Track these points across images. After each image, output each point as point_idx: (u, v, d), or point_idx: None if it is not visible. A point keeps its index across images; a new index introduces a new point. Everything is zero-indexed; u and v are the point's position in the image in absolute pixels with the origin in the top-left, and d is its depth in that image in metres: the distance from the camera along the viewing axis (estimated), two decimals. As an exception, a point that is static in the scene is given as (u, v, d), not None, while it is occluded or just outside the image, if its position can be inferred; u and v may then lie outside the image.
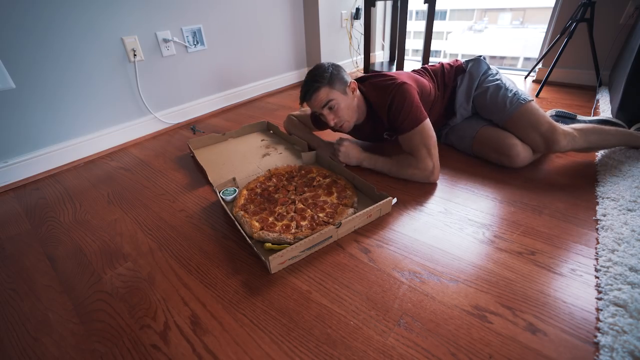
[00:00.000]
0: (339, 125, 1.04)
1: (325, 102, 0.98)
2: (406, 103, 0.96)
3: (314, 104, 1.00)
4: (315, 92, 0.97)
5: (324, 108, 0.99)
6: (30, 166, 1.26)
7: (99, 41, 1.33)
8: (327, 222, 0.85)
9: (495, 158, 1.07)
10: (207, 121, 1.74)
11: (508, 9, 11.67)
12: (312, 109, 1.04)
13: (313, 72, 1.00)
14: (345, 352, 0.57)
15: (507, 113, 1.03)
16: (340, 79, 0.99)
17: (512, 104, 1.02)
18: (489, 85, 1.08)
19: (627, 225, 0.77)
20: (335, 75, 0.99)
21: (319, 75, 0.98)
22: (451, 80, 1.14)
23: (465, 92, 1.12)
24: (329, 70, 0.99)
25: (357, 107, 1.05)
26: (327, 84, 0.97)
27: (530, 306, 0.62)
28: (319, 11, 2.10)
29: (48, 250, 0.88)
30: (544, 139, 0.98)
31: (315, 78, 0.98)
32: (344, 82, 1.00)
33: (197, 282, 0.74)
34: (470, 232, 0.82)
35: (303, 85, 1.01)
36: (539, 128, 0.99)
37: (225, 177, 1.11)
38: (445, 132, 1.23)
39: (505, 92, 1.05)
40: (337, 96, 0.98)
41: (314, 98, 0.98)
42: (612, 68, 1.69)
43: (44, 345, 0.63)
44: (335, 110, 1.00)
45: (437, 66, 1.18)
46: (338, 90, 0.99)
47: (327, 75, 0.97)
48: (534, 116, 1.00)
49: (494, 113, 1.07)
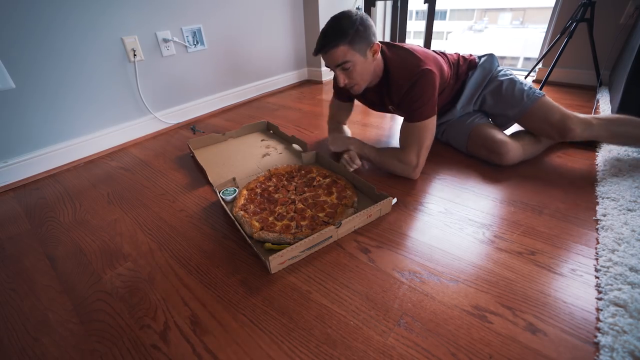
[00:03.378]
0: (349, 87, 0.99)
1: (341, 61, 0.90)
2: (425, 95, 0.92)
3: (328, 60, 0.92)
4: (333, 49, 0.88)
5: (337, 67, 0.92)
6: (30, 166, 1.26)
7: (99, 41, 1.33)
8: (327, 222, 0.85)
9: (486, 156, 1.07)
10: (207, 121, 1.74)
11: (508, 9, 11.67)
12: (325, 62, 0.96)
13: (337, 23, 0.88)
14: (345, 352, 0.57)
15: (524, 106, 1.03)
16: (364, 38, 0.89)
17: (529, 97, 1.03)
18: (502, 79, 1.08)
19: (628, 225, 0.77)
20: (361, 32, 0.88)
21: (342, 30, 0.87)
22: (463, 74, 1.12)
23: (477, 84, 1.11)
24: (354, 25, 0.87)
25: (374, 70, 0.98)
26: (349, 42, 0.87)
27: (530, 306, 0.62)
28: (319, 11, 2.10)
29: (48, 250, 0.88)
30: (557, 128, 1.00)
31: (336, 32, 0.87)
32: (367, 43, 0.90)
33: (197, 282, 0.74)
34: (470, 232, 0.82)
35: (322, 35, 0.90)
36: (552, 118, 1.00)
37: (225, 177, 1.11)
38: (443, 129, 1.23)
39: (521, 85, 1.05)
40: (355, 58, 0.90)
41: (330, 54, 0.90)
42: (612, 68, 1.69)
43: (44, 345, 0.63)
44: (349, 72, 0.93)
45: (455, 57, 1.14)
46: (358, 51, 0.89)
47: (351, 32, 0.87)
48: (549, 108, 1.01)
49: (510, 107, 1.06)
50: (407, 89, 0.94)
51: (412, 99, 0.94)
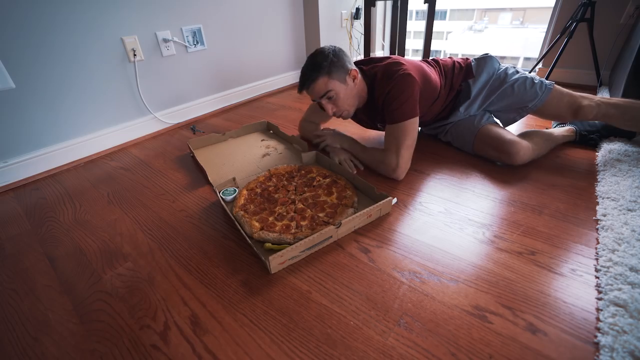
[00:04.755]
0: (338, 115, 1.05)
1: (324, 92, 0.97)
2: (403, 95, 0.95)
3: (313, 93, 0.99)
4: (313, 83, 0.96)
5: (322, 98, 0.99)
6: (30, 166, 1.26)
7: (99, 41, 1.33)
8: (327, 222, 0.85)
9: (496, 156, 1.07)
10: (207, 121, 1.74)
11: (508, 9, 11.68)
12: (311, 97, 1.04)
13: (312, 60, 0.97)
14: (345, 352, 0.57)
15: (540, 99, 1.06)
16: (340, 67, 0.97)
17: (542, 90, 1.05)
18: (512, 81, 1.08)
19: (628, 225, 0.77)
20: (335, 63, 0.96)
21: (317, 64, 0.95)
22: (458, 84, 1.13)
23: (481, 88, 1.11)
24: (328, 58, 0.95)
25: (358, 93, 1.04)
26: (326, 73, 0.95)
27: (530, 306, 0.62)
28: (319, 11, 2.10)
29: (48, 250, 0.88)
30: (570, 110, 1.05)
31: (313, 67, 0.95)
32: (344, 71, 0.97)
33: (197, 282, 0.74)
34: (470, 232, 0.82)
35: (301, 73, 0.99)
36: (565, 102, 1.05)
37: (225, 177, 1.11)
38: (446, 130, 1.23)
39: (532, 81, 1.07)
40: (335, 86, 0.97)
41: (312, 88, 0.97)
42: (613, 68, 1.69)
43: (44, 345, 0.63)
44: (334, 100, 0.99)
45: (449, 63, 1.15)
46: (337, 79, 0.97)
47: (325, 65, 0.95)
48: (561, 95, 1.06)
49: (526, 101, 1.07)
50: (387, 91, 0.98)
51: (390, 99, 0.97)
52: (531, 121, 1.42)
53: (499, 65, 1.13)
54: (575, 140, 1.18)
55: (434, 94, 1.08)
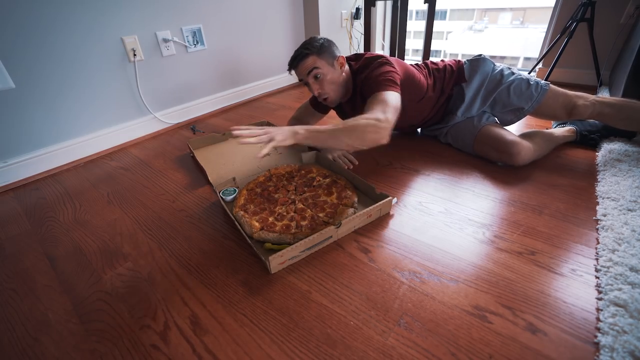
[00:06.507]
0: (323, 97, 1.06)
1: (311, 68, 0.99)
2: (381, 69, 0.97)
3: (301, 70, 1.02)
4: (303, 59, 1.00)
5: (309, 75, 1.01)
6: (30, 166, 1.26)
7: (99, 41, 1.33)
8: (327, 222, 0.85)
9: (497, 157, 1.07)
10: (207, 121, 1.74)
11: (508, 9, 11.69)
12: (298, 77, 1.06)
13: (304, 42, 1.03)
14: (345, 352, 0.57)
15: (536, 101, 1.07)
16: (330, 51, 1.02)
17: (537, 91, 1.06)
18: (507, 82, 1.09)
19: (628, 225, 0.77)
20: (326, 47, 1.01)
21: (309, 43, 1.01)
22: (449, 88, 1.14)
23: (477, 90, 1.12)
24: (319, 41, 1.01)
25: (344, 82, 1.07)
26: (316, 52, 0.99)
27: (530, 306, 0.62)
28: (319, 11, 2.10)
29: (48, 250, 0.88)
30: (565, 109, 1.07)
31: (305, 46, 1.01)
32: (332, 55, 1.02)
33: (197, 282, 0.74)
34: (470, 232, 0.82)
35: (293, 55, 1.03)
36: (560, 102, 1.06)
37: (225, 177, 1.11)
38: (445, 132, 1.23)
39: (527, 81, 1.07)
40: (323, 66, 1.00)
41: (301, 64, 1.00)
42: (613, 68, 1.69)
43: (44, 345, 0.63)
44: (320, 80, 1.02)
45: (439, 65, 1.16)
46: (325, 60, 1.01)
47: (317, 45, 1.00)
48: (557, 95, 1.07)
49: (523, 102, 1.08)
50: (364, 75, 1.01)
51: (369, 76, 0.99)
52: (531, 121, 1.42)
53: (493, 67, 1.12)
54: (576, 140, 1.18)
55: (420, 91, 1.10)
